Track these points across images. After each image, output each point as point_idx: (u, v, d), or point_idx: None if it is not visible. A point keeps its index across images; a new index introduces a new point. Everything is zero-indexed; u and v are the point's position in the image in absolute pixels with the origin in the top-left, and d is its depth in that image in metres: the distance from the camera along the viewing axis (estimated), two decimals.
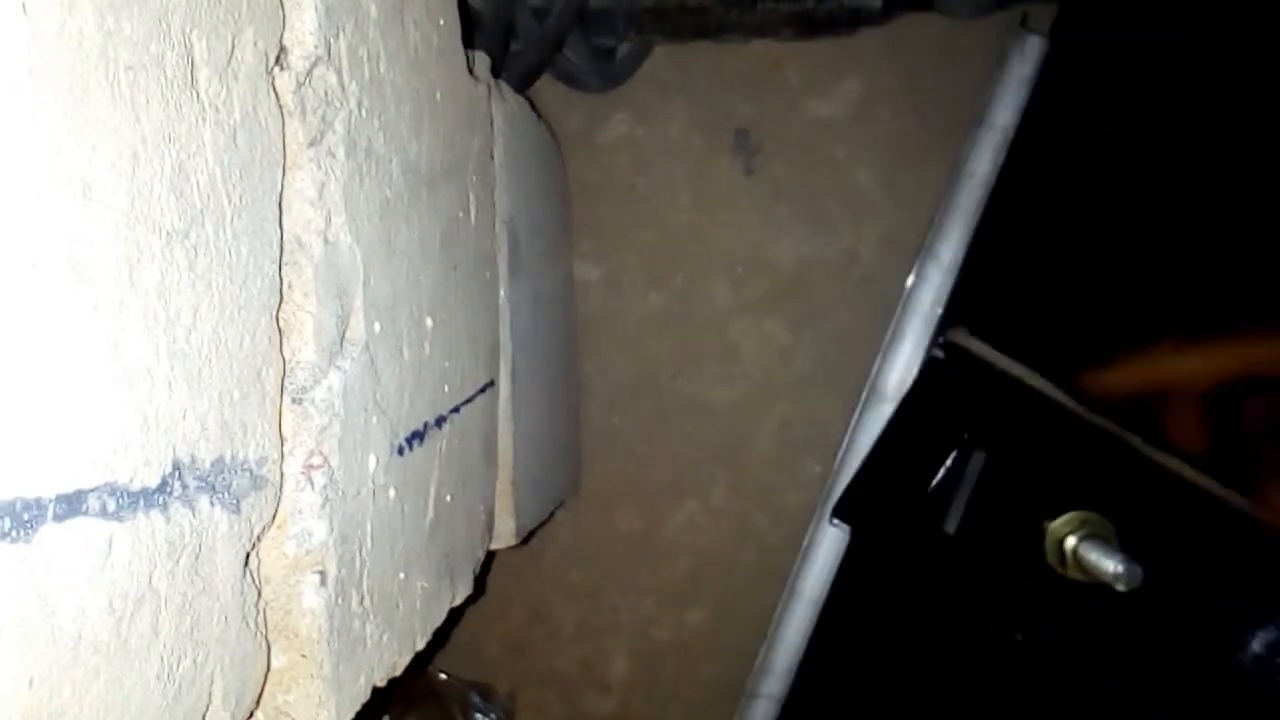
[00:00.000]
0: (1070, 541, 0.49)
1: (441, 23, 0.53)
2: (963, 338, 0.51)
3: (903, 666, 0.55)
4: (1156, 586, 0.45)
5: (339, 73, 0.40)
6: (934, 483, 0.52)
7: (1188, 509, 0.49)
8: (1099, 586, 0.46)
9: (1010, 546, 0.51)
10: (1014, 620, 0.52)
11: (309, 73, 0.38)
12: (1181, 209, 0.53)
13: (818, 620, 0.63)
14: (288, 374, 0.38)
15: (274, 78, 0.36)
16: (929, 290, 0.54)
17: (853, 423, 0.54)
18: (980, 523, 0.52)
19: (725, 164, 0.97)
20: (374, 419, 0.44)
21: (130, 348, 0.28)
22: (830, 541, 0.62)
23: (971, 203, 0.56)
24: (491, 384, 0.63)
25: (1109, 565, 0.46)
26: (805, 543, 0.56)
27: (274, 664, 0.39)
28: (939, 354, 0.52)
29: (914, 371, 0.54)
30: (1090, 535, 0.48)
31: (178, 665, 0.31)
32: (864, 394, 0.53)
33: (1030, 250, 0.55)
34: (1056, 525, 0.50)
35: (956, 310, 0.54)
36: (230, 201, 0.33)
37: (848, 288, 0.96)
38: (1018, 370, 0.50)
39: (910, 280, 0.55)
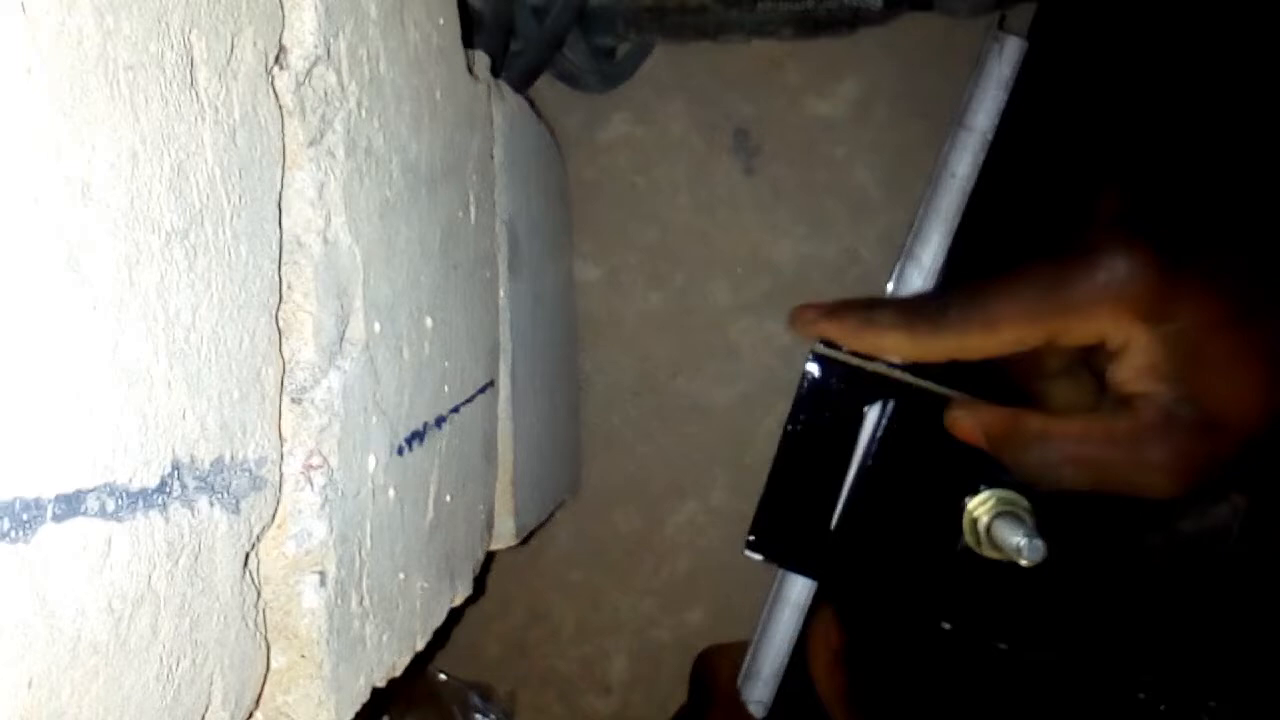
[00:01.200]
0: (984, 520, 0.48)
1: (441, 22, 0.53)
2: (825, 347, 0.52)
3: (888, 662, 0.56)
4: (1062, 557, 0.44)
5: (338, 72, 0.40)
6: (842, 497, 0.52)
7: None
8: (1013, 564, 0.46)
9: (931, 528, 0.50)
10: (936, 603, 0.52)
11: (308, 72, 0.38)
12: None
13: (801, 624, 0.63)
14: (287, 374, 0.38)
15: (273, 77, 0.36)
16: (908, 293, 0.54)
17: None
18: (903, 504, 0.51)
19: (725, 163, 0.97)
20: (374, 419, 0.44)
21: (129, 348, 0.28)
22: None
23: (951, 206, 0.56)
24: (491, 384, 0.63)
25: (1013, 540, 0.45)
26: None
27: (273, 664, 0.39)
28: (813, 367, 0.52)
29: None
30: (1003, 513, 0.48)
31: (177, 666, 0.31)
32: None
33: (1002, 255, 0.56)
34: (973, 504, 0.50)
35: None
36: (230, 201, 0.33)
37: (847, 287, 0.96)
38: (881, 368, 0.50)
39: (890, 286, 0.55)
